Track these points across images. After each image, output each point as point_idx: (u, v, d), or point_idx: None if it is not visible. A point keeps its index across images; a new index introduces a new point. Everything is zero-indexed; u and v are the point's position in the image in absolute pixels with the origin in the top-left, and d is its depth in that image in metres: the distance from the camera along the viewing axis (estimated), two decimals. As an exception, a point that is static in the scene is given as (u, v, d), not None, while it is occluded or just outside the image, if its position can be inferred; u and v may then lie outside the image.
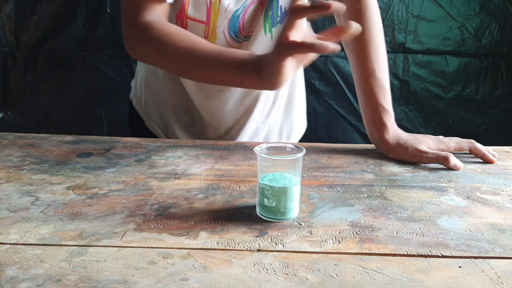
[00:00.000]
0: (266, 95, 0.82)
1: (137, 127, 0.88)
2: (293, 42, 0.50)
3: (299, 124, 0.94)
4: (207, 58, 0.60)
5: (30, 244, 0.40)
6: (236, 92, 0.79)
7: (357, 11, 0.70)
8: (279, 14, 0.73)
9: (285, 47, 0.51)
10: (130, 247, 0.39)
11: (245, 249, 0.39)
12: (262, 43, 0.75)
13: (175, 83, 0.80)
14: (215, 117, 0.81)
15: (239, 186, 0.55)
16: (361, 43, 0.69)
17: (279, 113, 0.87)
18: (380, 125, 0.68)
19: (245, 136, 0.84)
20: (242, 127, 0.83)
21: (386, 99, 0.68)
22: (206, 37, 0.71)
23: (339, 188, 0.55)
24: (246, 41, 0.74)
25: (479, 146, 0.67)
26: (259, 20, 0.73)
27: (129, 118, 0.92)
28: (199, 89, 0.78)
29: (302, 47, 0.49)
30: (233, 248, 0.39)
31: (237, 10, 0.69)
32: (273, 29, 0.74)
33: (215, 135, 0.84)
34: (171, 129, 0.85)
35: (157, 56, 0.65)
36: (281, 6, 0.73)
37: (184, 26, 0.70)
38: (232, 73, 0.58)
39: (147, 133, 0.86)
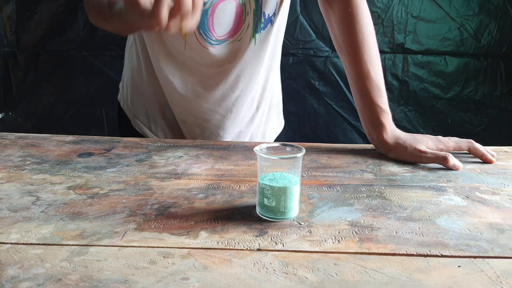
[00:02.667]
0: (250, 100, 0.83)
1: (125, 127, 0.90)
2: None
3: (277, 126, 0.95)
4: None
5: (31, 244, 0.40)
6: (214, 94, 0.79)
7: (348, 14, 0.70)
8: (263, 20, 0.74)
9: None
10: (130, 246, 0.40)
11: (245, 248, 0.40)
12: (247, 49, 0.75)
13: (158, 81, 0.81)
14: (195, 116, 0.82)
15: (239, 186, 0.55)
16: (354, 45, 0.70)
17: (263, 118, 0.88)
18: (378, 125, 0.68)
19: (227, 138, 0.85)
20: (224, 129, 0.83)
21: (382, 99, 0.69)
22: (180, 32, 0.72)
23: (339, 188, 0.55)
24: (218, 44, 0.74)
25: (478, 146, 0.67)
26: (233, 23, 0.72)
27: (117, 119, 0.93)
28: (179, 87, 0.79)
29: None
30: (233, 248, 0.40)
31: (205, 4, 0.69)
32: (257, 35, 0.75)
33: (197, 134, 0.84)
34: (159, 126, 0.86)
35: (96, 15, 0.66)
36: (264, 12, 0.73)
37: None
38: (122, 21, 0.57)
39: (133, 133, 0.88)
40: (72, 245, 0.40)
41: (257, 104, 0.85)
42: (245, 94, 0.81)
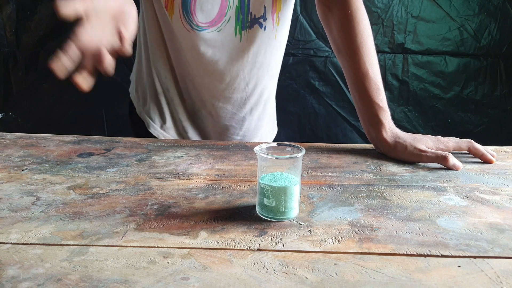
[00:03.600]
0: (240, 98, 0.84)
1: (133, 116, 0.93)
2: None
3: (270, 132, 0.97)
4: None
5: (31, 244, 0.40)
6: (202, 82, 0.81)
7: (348, 16, 0.71)
8: (249, 19, 0.75)
9: None
10: (130, 246, 0.40)
11: (245, 248, 0.40)
12: (231, 42, 0.77)
13: (151, 67, 0.85)
14: (191, 100, 0.85)
15: (239, 186, 0.55)
16: (353, 46, 0.71)
17: (252, 122, 0.89)
18: (377, 123, 0.69)
19: (217, 129, 0.87)
20: (213, 117, 0.85)
21: (381, 98, 0.69)
22: (166, 8, 0.75)
23: (339, 188, 0.55)
24: (199, 31, 0.75)
25: (478, 146, 0.67)
26: (215, 14, 0.74)
27: (129, 110, 0.97)
28: (171, 74, 0.83)
29: None
30: (233, 248, 0.40)
31: None
32: (243, 32, 0.76)
33: (198, 116, 0.86)
34: (152, 113, 0.88)
35: None
36: (251, 12, 0.75)
37: None
38: None
39: (138, 121, 0.91)
40: (72, 245, 0.40)
41: (251, 106, 0.86)
42: (231, 88, 0.82)
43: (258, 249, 0.39)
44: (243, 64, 0.80)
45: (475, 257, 0.39)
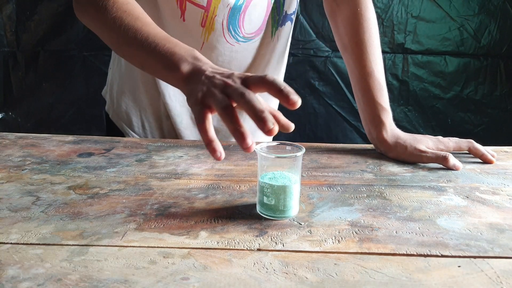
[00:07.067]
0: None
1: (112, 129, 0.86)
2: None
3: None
4: (143, 38, 0.53)
5: (31, 244, 0.40)
6: None
7: (357, 13, 0.71)
8: (281, 17, 0.74)
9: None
10: (130, 246, 0.40)
11: (245, 248, 0.40)
12: (268, 45, 0.75)
13: (154, 88, 0.79)
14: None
15: (239, 186, 0.55)
16: (360, 44, 0.70)
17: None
18: (379, 123, 0.69)
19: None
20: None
21: (384, 98, 0.69)
22: (203, 25, 0.70)
23: (339, 188, 0.55)
24: (244, 42, 0.74)
25: (478, 146, 0.67)
26: (262, 22, 0.73)
27: (106, 131, 0.89)
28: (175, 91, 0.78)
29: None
30: (233, 248, 0.40)
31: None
32: (276, 32, 0.75)
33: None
34: (156, 137, 0.83)
35: (96, 21, 0.59)
36: (285, 11, 0.74)
37: (183, 10, 0.69)
38: (159, 66, 0.52)
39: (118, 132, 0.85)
40: (72, 245, 0.40)
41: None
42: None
43: (258, 249, 0.39)
44: (272, 65, 0.78)
45: (475, 257, 0.39)
